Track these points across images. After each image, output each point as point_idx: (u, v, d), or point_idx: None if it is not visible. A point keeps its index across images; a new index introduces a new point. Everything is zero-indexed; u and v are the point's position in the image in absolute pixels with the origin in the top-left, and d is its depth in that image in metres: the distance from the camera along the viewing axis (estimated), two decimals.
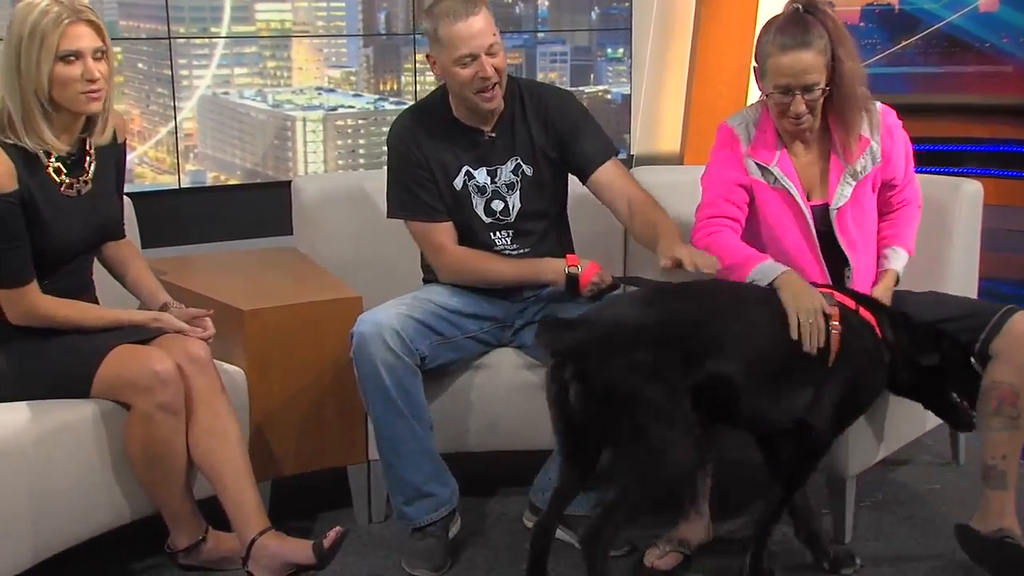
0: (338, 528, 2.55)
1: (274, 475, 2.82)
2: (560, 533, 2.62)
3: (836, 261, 2.67)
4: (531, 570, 2.40)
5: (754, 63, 2.64)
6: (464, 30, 2.62)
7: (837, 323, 2.43)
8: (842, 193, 2.66)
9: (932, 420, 3.01)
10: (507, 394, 2.80)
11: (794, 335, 2.39)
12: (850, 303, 2.51)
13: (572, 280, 2.72)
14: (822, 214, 2.67)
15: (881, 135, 2.67)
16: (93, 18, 2.46)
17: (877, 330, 2.50)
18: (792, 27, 2.55)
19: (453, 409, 2.81)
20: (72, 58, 2.43)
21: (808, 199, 2.68)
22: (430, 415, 2.68)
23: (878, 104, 2.70)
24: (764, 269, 2.54)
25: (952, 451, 3.25)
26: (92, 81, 2.44)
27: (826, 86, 2.57)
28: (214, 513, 2.59)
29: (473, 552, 2.78)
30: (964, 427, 2.63)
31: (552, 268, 2.75)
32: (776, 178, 2.67)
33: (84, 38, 2.44)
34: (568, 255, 2.76)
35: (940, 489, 3.09)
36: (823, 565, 2.62)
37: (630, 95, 6.27)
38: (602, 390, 2.24)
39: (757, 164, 2.68)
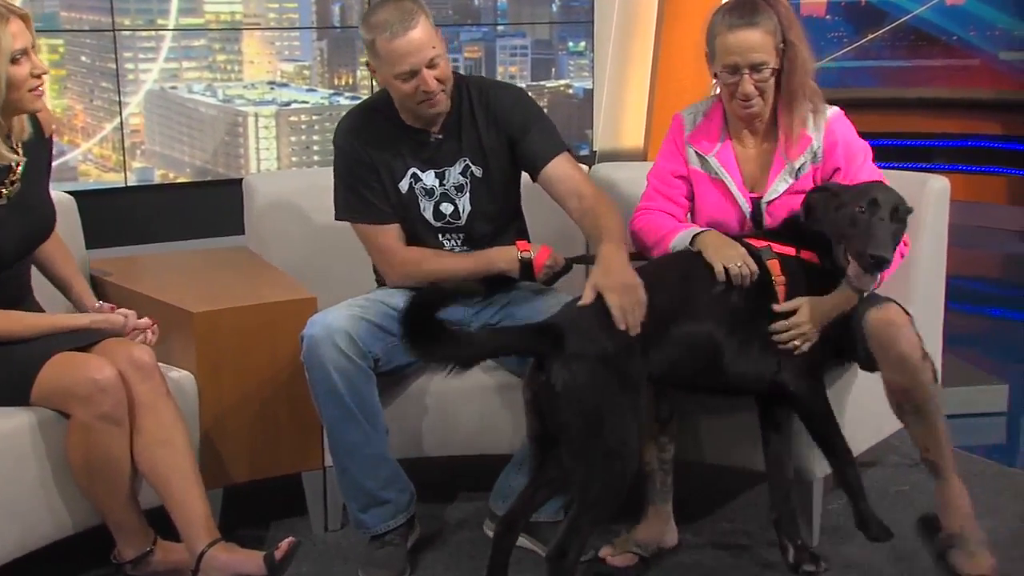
0: (291, 539, 2.53)
1: (225, 483, 2.80)
2: (522, 540, 2.63)
3: None
4: (492, 570, 2.43)
5: (706, 47, 2.68)
6: (403, 46, 2.59)
7: (780, 275, 2.51)
8: (776, 188, 2.69)
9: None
10: (464, 397, 2.80)
11: (721, 278, 2.50)
12: (790, 250, 2.56)
13: (526, 266, 2.73)
14: (756, 207, 2.71)
15: (824, 134, 2.70)
16: (22, 12, 2.45)
17: (819, 263, 2.56)
18: (740, 7, 2.62)
19: (409, 413, 2.80)
20: (20, 57, 2.41)
21: (752, 191, 2.72)
22: (385, 419, 2.67)
23: (832, 107, 2.73)
24: (683, 235, 2.64)
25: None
26: (39, 77, 2.44)
27: (776, 67, 2.61)
28: (162, 523, 2.56)
29: (433, 560, 2.78)
30: (849, 286, 2.59)
31: (504, 256, 2.75)
32: (714, 169, 2.70)
33: (24, 34, 2.43)
34: (518, 241, 2.76)
35: (908, 491, 3.12)
36: (787, 558, 2.66)
37: (592, 90, 6.27)
38: (562, 386, 2.29)
39: (696, 153, 2.73)
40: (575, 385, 2.30)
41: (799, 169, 2.68)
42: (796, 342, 2.51)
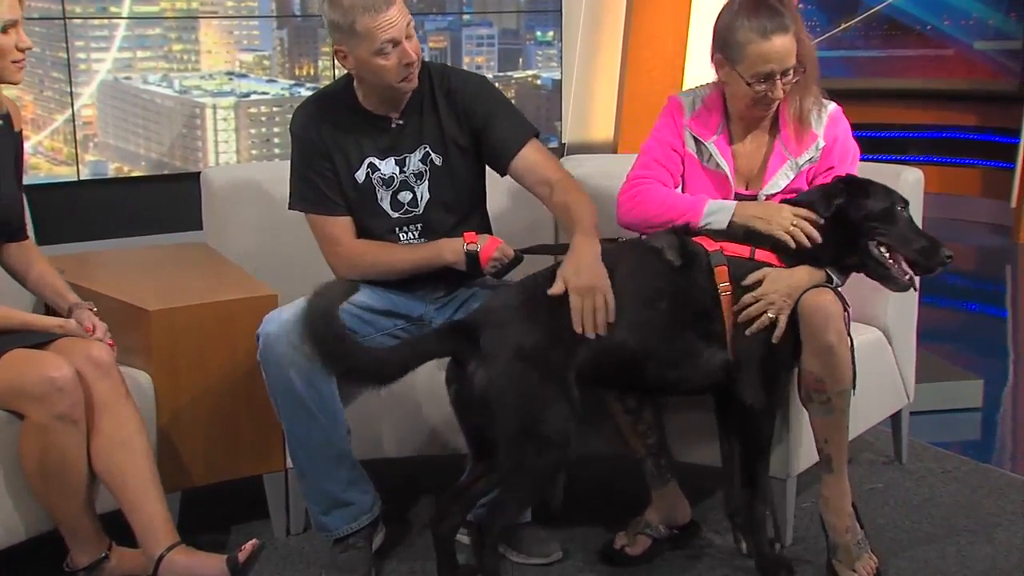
0: (254, 541, 2.53)
1: (183, 487, 2.79)
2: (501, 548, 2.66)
3: None
4: (441, 565, 2.52)
5: (715, 52, 2.66)
6: (385, 20, 2.59)
7: (726, 284, 2.52)
8: (776, 183, 2.70)
9: (874, 417, 3.08)
10: (427, 396, 2.79)
11: (791, 245, 2.53)
12: (743, 251, 2.56)
13: (472, 258, 2.73)
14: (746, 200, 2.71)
15: (825, 132, 2.72)
16: None
17: (779, 264, 2.56)
18: (765, 10, 2.60)
19: (370, 413, 2.80)
20: (9, 28, 2.46)
21: (747, 187, 2.73)
22: (346, 419, 2.68)
23: (830, 102, 2.75)
24: (718, 206, 2.62)
25: (895, 449, 3.32)
26: (23, 51, 2.49)
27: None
28: (118, 528, 2.55)
29: (398, 563, 2.78)
30: (896, 286, 2.62)
31: (450, 248, 2.75)
32: (711, 156, 2.72)
33: (16, 7, 2.48)
34: (465, 233, 2.76)
35: (883, 489, 3.15)
36: (740, 548, 2.72)
37: (561, 81, 6.29)
38: (480, 386, 2.35)
39: (694, 137, 2.73)
40: (494, 385, 2.36)
41: (801, 165, 2.70)
42: (770, 313, 2.50)
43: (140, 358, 2.73)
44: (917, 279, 2.61)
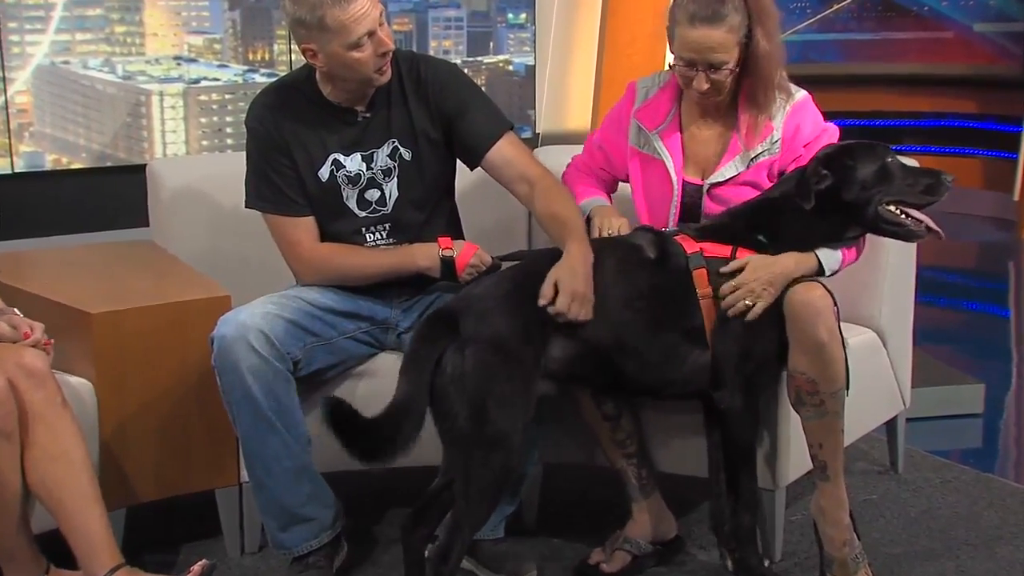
0: (204, 561, 2.54)
1: (128, 503, 2.78)
2: (465, 563, 2.66)
3: None
4: (408, 569, 2.56)
5: (667, 23, 2.72)
6: (356, 11, 2.59)
7: (706, 288, 2.56)
8: (723, 172, 2.74)
9: (868, 424, 3.11)
10: None
11: (594, 233, 2.68)
12: (724, 251, 2.59)
13: (447, 264, 2.74)
14: (694, 192, 2.75)
15: (785, 123, 2.74)
16: None
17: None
18: None
19: None
20: None
21: (703, 176, 2.76)
22: (307, 428, 2.68)
23: (799, 92, 2.77)
24: (584, 205, 2.79)
25: (890, 458, 3.35)
26: None
27: (736, 66, 2.65)
28: (57, 548, 2.54)
29: None
30: (917, 237, 2.66)
31: (424, 253, 2.77)
32: (654, 146, 2.76)
33: None
34: (440, 238, 2.78)
35: (877, 500, 3.18)
36: (726, 563, 2.73)
37: (534, 66, 6.30)
38: (451, 370, 2.42)
39: (639, 127, 2.79)
40: (463, 371, 2.42)
41: (754, 158, 2.73)
42: (747, 301, 2.53)
43: (82, 365, 2.72)
44: (932, 222, 2.61)
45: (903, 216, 2.61)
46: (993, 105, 6.97)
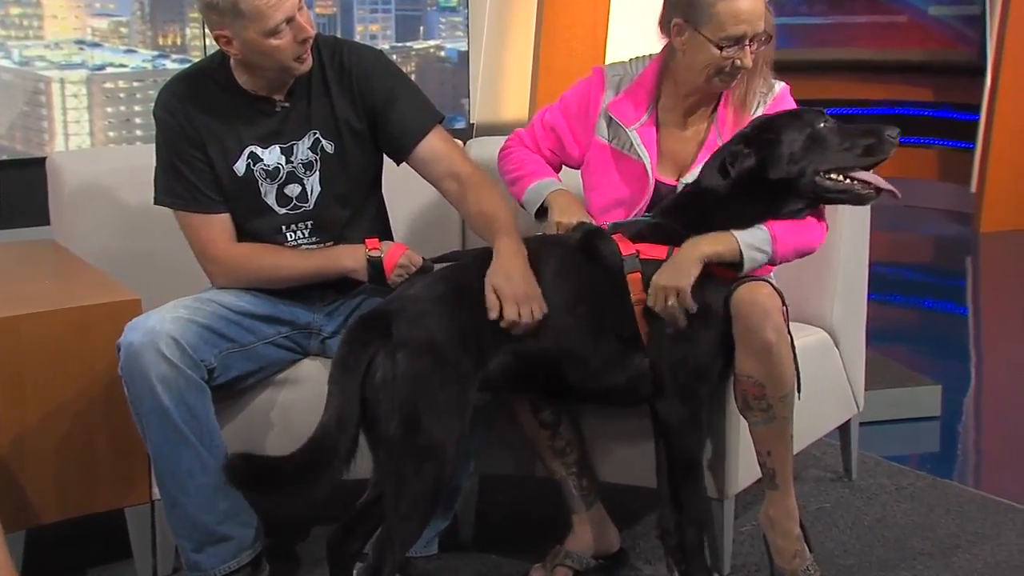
0: None
1: (29, 524, 2.75)
2: None
3: None
4: None
5: (672, 16, 2.69)
6: None
7: (640, 295, 2.56)
8: (696, 172, 2.74)
9: (820, 429, 3.15)
10: (316, 411, 2.78)
11: (552, 230, 2.70)
12: (661, 253, 2.59)
13: (375, 266, 2.75)
14: (667, 192, 2.76)
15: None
16: None
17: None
18: None
19: (252, 433, 2.79)
20: None
21: (677, 178, 2.78)
22: (223, 440, 2.67)
23: (779, 83, 2.81)
24: (539, 186, 2.81)
25: (844, 464, 3.40)
26: None
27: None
28: None
29: None
30: (866, 200, 2.69)
31: (349, 254, 2.77)
32: (631, 144, 2.77)
33: None
34: (367, 239, 2.78)
35: (830, 508, 3.23)
36: None
37: (468, 52, 6.31)
38: (381, 376, 2.42)
39: (612, 121, 2.78)
40: (395, 376, 2.42)
41: None
42: (670, 302, 2.52)
43: None
44: (883, 182, 2.63)
45: (848, 181, 2.61)
46: (949, 93, 7.07)
